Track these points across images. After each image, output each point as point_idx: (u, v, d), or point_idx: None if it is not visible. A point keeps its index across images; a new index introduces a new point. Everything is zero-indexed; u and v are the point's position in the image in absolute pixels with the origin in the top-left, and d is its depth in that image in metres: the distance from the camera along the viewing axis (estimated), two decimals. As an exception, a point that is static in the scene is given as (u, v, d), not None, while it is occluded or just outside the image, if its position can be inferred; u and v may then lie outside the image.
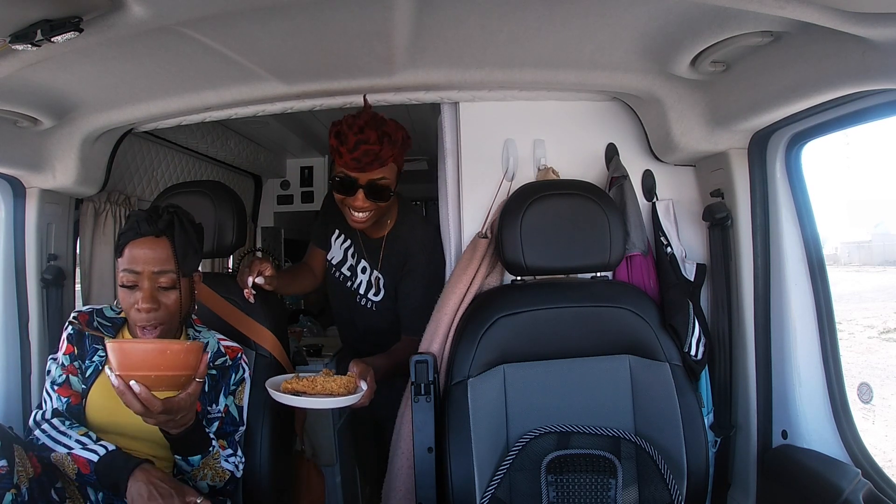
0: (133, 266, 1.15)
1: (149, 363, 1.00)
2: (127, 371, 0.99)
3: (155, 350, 1.02)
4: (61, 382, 1.20)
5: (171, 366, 1.01)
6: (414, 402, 1.32)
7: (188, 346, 1.05)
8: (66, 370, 1.21)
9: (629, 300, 1.35)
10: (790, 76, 1.07)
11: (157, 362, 1.00)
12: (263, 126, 2.47)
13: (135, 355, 1.01)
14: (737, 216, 1.39)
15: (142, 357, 1.01)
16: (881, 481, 1.15)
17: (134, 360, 1.00)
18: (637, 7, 1.03)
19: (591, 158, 1.61)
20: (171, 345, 1.05)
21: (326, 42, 1.17)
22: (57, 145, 1.48)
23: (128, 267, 1.15)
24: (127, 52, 1.11)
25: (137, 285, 1.15)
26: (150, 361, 1.00)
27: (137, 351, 1.02)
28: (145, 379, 1.00)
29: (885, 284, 10.44)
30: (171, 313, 1.18)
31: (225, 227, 1.52)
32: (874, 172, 12.65)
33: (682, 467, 1.24)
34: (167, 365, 1.01)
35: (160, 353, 1.02)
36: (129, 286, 1.16)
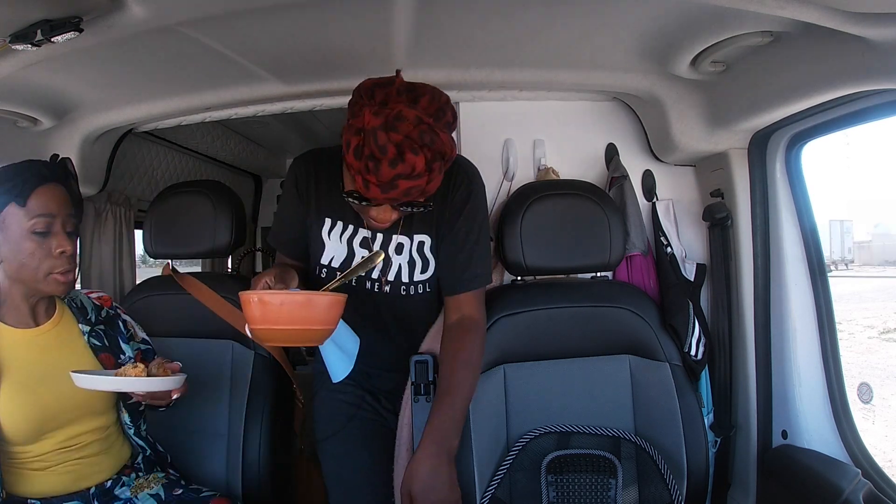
0: (48, 209, 1.08)
1: (293, 316, 0.95)
2: (266, 325, 0.95)
3: (300, 302, 0.96)
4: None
5: (316, 319, 0.96)
6: (414, 402, 1.32)
7: (334, 297, 0.98)
8: None
9: (629, 300, 1.35)
10: (790, 76, 1.07)
11: (302, 315, 0.95)
12: (263, 126, 2.47)
13: (278, 307, 0.94)
14: (737, 216, 1.39)
15: (287, 309, 0.94)
16: (881, 481, 1.15)
17: (278, 313, 0.94)
18: (637, 7, 1.03)
19: (591, 158, 1.61)
20: (317, 296, 0.99)
21: (326, 42, 1.18)
22: (57, 145, 1.48)
23: (42, 212, 1.07)
24: (127, 52, 1.11)
25: (50, 231, 1.09)
26: (295, 314, 0.95)
27: (285, 303, 0.95)
28: (286, 334, 0.96)
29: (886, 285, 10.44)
30: (76, 258, 1.15)
31: (224, 227, 1.52)
32: (874, 172, 12.68)
33: (682, 467, 1.24)
34: (312, 318, 0.96)
35: (305, 304, 0.96)
36: (43, 232, 1.08)
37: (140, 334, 1.33)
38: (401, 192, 0.93)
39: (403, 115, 0.90)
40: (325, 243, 1.20)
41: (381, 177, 0.91)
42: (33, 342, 1.13)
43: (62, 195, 1.11)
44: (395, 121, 0.90)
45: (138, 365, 1.07)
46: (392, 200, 0.97)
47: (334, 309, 0.98)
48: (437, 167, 0.94)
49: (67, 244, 1.10)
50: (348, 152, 0.93)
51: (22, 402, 1.06)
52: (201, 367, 1.45)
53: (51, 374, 1.11)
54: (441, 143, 0.93)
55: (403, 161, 0.90)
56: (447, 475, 1.07)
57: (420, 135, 0.91)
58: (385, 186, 0.92)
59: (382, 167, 0.90)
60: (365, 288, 1.21)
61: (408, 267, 1.19)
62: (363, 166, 0.92)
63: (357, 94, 0.98)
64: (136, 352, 1.27)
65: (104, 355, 1.20)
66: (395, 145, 0.89)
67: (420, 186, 0.93)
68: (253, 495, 1.40)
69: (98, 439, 1.17)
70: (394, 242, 1.18)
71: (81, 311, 1.22)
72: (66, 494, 1.12)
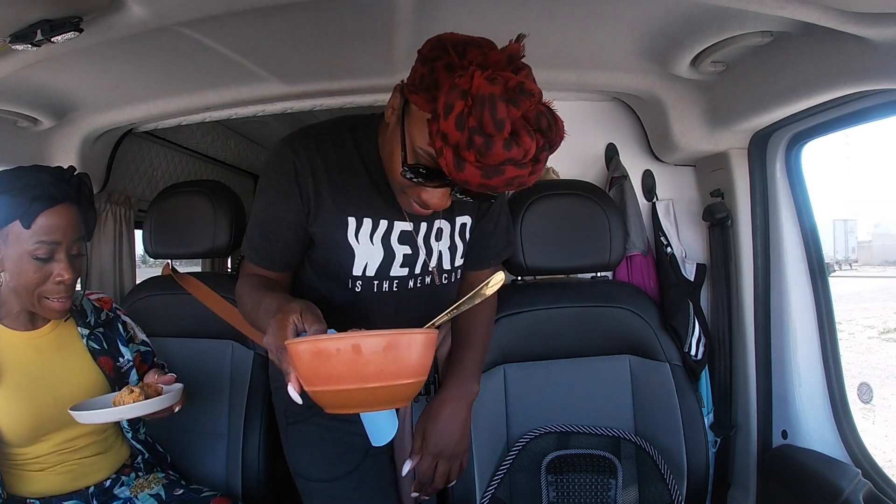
0: (52, 236, 1.04)
1: (374, 369, 0.65)
2: (331, 385, 0.66)
3: (382, 346, 0.65)
4: None
5: (406, 369, 0.67)
6: (414, 402, 1.32)
7: (427, 335, 0.70)
8: None
9: (629, 300, 1.35)
10: (790, 76, 1.07)
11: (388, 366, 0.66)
12: (263, 126, 2.47)
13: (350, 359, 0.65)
14: (737, 216, 1.39)
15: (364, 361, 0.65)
16: (881, 481, 1.15)
17: (350, 367, 0.65)
18: (637, 7, 1.03)
19: (591, 158, 1.61)
20: (404, 335, 0.68)
21: (326, 42, 1.17)
22: (57, 145, 1.49)
23: (45, 238, 1.03)
24: (127, 52, 1.11)
25: (52, 258, 1.05)
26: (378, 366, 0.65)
27: (359, 350, 0.64)
28: (362, 395, 0.66)
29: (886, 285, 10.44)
30: (75, 283, 1.11)
31: (224, 227, 1.52)
32: (874, 173, 12.69)
33: (682, 467, 1.24)
34: (401, 369, 0.67)
35: (391, 349, 0.66)
36: (44, 259, 1.04)
37: (140, 336, 1.32)
38: (504, 181, 0.73)
39: (526, 88, 0.72)
40: (353, 249, 0.98)
41: (490, 157, 0.70)
42: (31, 345, 1.12)
43: (71, 219, 1.06)
44: (517, 93, 0.71)
45: (134, 390, 1.04)
46: (489, 189, 0.75)
47: (429, 352, 0.72)
48: (543, 159, 0.76)
49: (67, 273, 1.05)
50: (447, 118, 0.71)
51: (19, 405, 1.06)
52: (201, 368, 1.45)
53: (49, 378, 1.10)
54: (557, 131, 0.76)
55: (518, 143, 0.71)
56: (462, 421, 1.08)
57: (538, 116, 0.73)
58: (490, 171, 0.72)
59: (496, 146, 0.70)
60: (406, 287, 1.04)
61: (449, 253, 1.05)
62: (465, 140, 0.70)
63: (439, 49, 0.79)
64: (136, 354, 1.27)
65: (103, 359, 1.19)
66: (512, 123, 0.71)
67: (523, 178, 0.74)
68: (253, 495, 1.40)
69: (96, 441, 1.17)
70: (434, 229, 1.03)
71: (81, 314, 1.21)
72: (65, 494, 1.12)
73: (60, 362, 1.14)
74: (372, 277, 1.01)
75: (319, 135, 0.99)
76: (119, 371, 1.21)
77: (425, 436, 1.07)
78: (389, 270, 1.01)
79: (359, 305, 1.04)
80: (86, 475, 1.15)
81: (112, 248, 1.82)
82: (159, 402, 1.04)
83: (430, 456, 1.07)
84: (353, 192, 0.98)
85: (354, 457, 1.10)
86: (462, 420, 1.09)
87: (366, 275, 1.00)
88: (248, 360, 1.46)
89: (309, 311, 0.80)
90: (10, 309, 1.11)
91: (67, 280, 1.06)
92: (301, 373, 0.70)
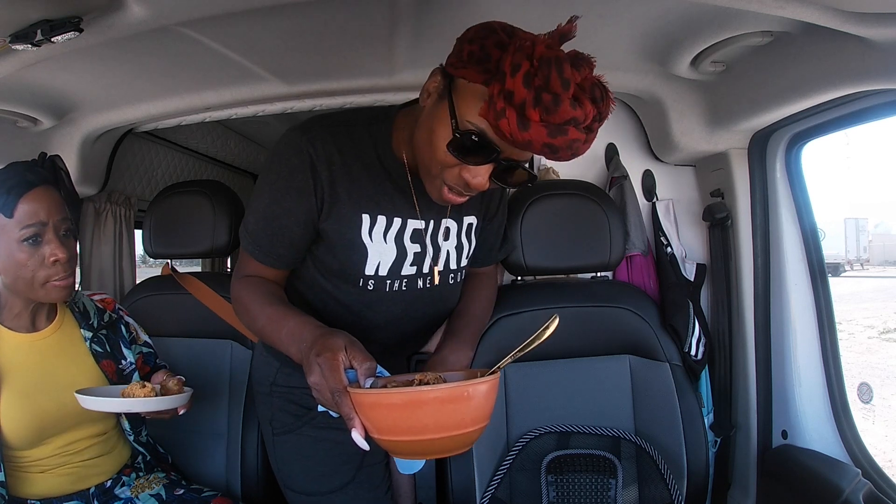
0: (35, 218, 1.03)
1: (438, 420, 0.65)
2: (397, 436, 0.67)
3: (446, 398, 0.65)
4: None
5: (470, 418, 0.67)
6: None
7: (491, 383, 0.69)
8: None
9: (629, 300, 1.35)
10: (790, 76, 1.07)
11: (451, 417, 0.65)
12: (263, 126, 2.48)
13: (414, 411, 0.64)
14: (737, 216, 1.39)
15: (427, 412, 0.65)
16: (881, 481, 1.15)
17: (415, 418, 0.65)
18: (637, 7, 1.03)
19: (591, 158, 1.61)
20: (469, 387, 0.67)
21: (326, 42, 1.17)
22: (57, 145, 1.49)
23: (29, 222, 1.03)
24: (127, 52, 1.11)
25: (42, 239, 1.05)
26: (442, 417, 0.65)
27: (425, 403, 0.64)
28: (427, 445, 0.66)
29: (886, 285, 10.43)
30: (74, 263, 1.10)
31: (223, 227, 1.52)
32: (875, 173, 12.69)
33: (682, 467, 1.24)
34: (465, 418, 0.66)
35: (456, 400, 0.65)
36: (33, 242, 1.04)
37: (143, 337, 1.32)
38: (567, 143, 0.73)
39: (583, 57, 0.75)
40: (366, 247, 0.96)
41: (557, 115, 0.71)
42: (33, 347, 1.12)
43: (52, 199, 1.07)
44: (579, 59, 0.74)
45: (146, 385, 1.05)
46: (552, 150, 0.74)
47: (492, 395, 0.71)
48: (595, 129, 0.76)
49: (61, 251, 1.05)
50: (514, 76, 0.71)
51: (21, 408, 1.05)
52: (201, 367, 1.45)
53: (51, 381, 1.10)
54: (607, 102, 0.77)
55: (581, 105, 0.72)
56: None
57: (592, 86, 0.75)
58: (555, 129, 0.72)
59: (563, 104, 0.71)
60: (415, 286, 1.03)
61: (455, 252, 1.05)
62: (532, 97, 0.70)
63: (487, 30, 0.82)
64: (138, 356, 1.27)
65: (105, 362, 1.19)
66: (575, 86, 0.72)
67: (579, 143, 0.74)
68: (252, 495, 1.40)
69: (98, 443, 1.16)
70: (442, 228, 1.03)
71: (84, 316, 1.20)
72: (66, 495, 1.12)
73: (62, 365, 1.13)
74: (385, 277, 0.99)
75: (335, 125, 0.96)
76: (121, 374, 1.21)
77: None
78: (401, 269, 0.99)
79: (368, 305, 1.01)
80: (87, 477, 1.15)
81: (112, 248, 1.82)
82: (170, 401, 1.04)
83: None
84: (369, 187, 0.95)
85: (349, 468, 1.07)
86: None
87: (378, 274, 0.98)
88: (247, 359, 1.46)
89: (354, 345, 0.78)
90: (12, 309, 1.11)
91: (62, 258, 1.06)
92: (370, 422, 0.70)
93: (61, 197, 1.09)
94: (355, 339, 0.80)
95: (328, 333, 0.81)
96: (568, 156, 0.76)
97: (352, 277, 0.99)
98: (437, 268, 1.02)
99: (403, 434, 0.67)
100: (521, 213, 1.34)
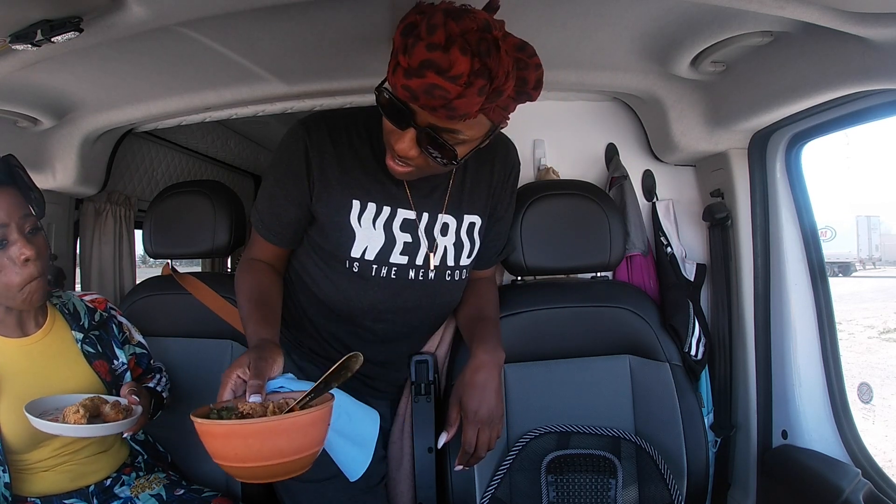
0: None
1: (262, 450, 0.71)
2: (231, 462, 0.74)
3: (263, 431, 0.71)
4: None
5: (294, 447, 0.73)
6: (414, 402, 1.32)
7: (311, 416, 0.74)
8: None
9: (629, 300, 1.35)
10: (790, 76, 1.07)
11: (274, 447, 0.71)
12: (263, 126, 2.48)
13: (239, 442, 0.71)
14: (737, 216, 1.39)
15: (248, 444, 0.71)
16: (881, 481, 1.15)
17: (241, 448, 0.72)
18: (637, 7, 1.03)
19: (591, 158, 1.61)
20: (285, 421, 0.73)
21: (326, 42, 1.17)
22: (57, 145, 1.49)
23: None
24: (127, 52, 1.11)
25: (7, 239, 1.03)
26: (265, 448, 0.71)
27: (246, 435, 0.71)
28: (260, 471, 0.73)
29: (886, 285, 10.43)
30: (45, 260, 1.09)
31: (223, 227, 1.52)
32: (875, 173, 12.66)
33: (682, 467, 1.24)
34: (287, 448, 0.72)
35: (273, 434, 0.71)
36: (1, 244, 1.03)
37: (136, 337, 1.31)
38: (423, 87, 0.75)
39: (473, 13, 0.77)
40: (354, 231, 1.02)
41: (412, 58, 0.75)
42: (24, 352, 1.11)
43: (10, 199, 1.05)
44: (461, 12, 0.76)
45: (80, 410, 1.00)
46: (410, 96, 0.78)
47: (316, 428, 0.75)
48: (477, 85, 0.76)
49: (28, 248, 1.04)
50: (398, 29, 0.79)
51: (16, 413, 1.05)
52: (200, 367, 1.45)
53: (43, 385, 1.10)
54: (497, 64, 0.76)
55: (446, 52, 0.74)
56: (496, 386, 1.08)
57: (479, 41, 0.75)
58: (410, 72, 0.76)
59: (418, 47, 0.74)
60: (405, 276, 1.06)
61: (454, 249, 1.09)
62: (402, 44, 0.77)
63: None
64: (131, 356, 1.27)
65: (98, 363, 1.18)
66: (446, 34, 0.74)
67: (446, 92, 0.75)
68: (252, 494, 1.40)
69: (95, 442, 1.16)
70: (439, 223, 1.07)
71: (74, 317, 1.20)
72: (66, 493, 1.12)
73: (55, 369, 1.13)
74: (371, 261, 1.04)
75: (334, 119, 1.05)
76: (114, 374, 1.21)
77: (465, 405, 1.06)
78: (389, 256, 1.04)
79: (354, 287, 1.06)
80: (86, 475, 1.15)
81: (112, 248, 1.82)
82: (97, 430, 1.00)
83: (472, 425, 1.05)
84: (361, 175, 1.02)
85: None
86: (496, 385, 1.08)
87: (365, 258, 1.03)
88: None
89: (258, 361, 0.84)
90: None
91: (31, 255, 1.05)
92: (207, 448, 0.76)
93: (20, 193, 1.08)
94: (267, 356, 0.86)
95: (250, 349, 0.89)
96: (432, 104, 0.77)
97: (339, 258, 1.05)
98: (432, 261, 1.06)
99: (224, 459, 0.74)
100: (521, 213, 1.34)
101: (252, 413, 0.78)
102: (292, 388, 0.86)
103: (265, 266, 1.10)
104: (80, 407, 1.01)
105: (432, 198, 1.06)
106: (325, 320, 1.14)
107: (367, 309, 1.08)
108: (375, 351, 1.14)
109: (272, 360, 0.86)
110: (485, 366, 1.07)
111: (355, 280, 1.05)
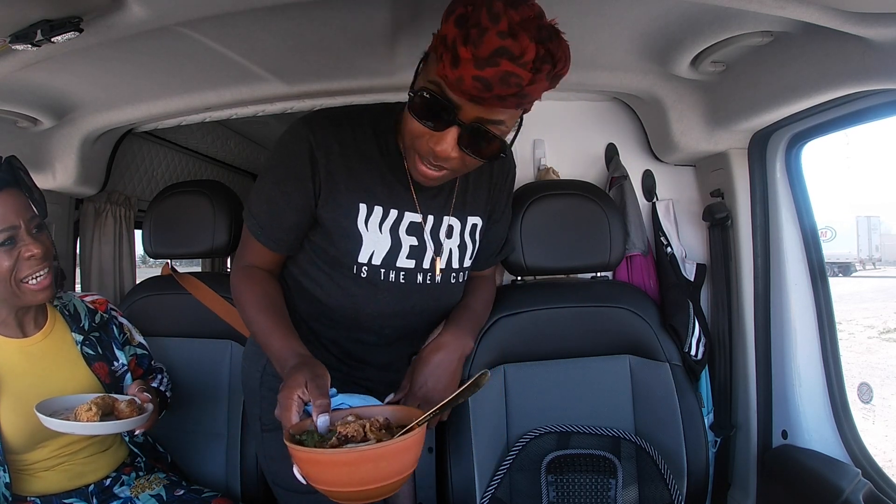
0: (7, 222, 1.05)
1: (360, 476, 0.73)
2: (328, 486, 0.75)
3: (368, 458, 0.73)
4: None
5: (390, 472, 0.75)
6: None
7: (407, 442, 0.75)
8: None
9: (629, 300, 1.35)
10: (790, 76, 1.07)
11: (371, 474, 0.73)
12: (263, 126, 2.48)
13: (339, 468, 0.73)
14: (737, 216, 1.39)
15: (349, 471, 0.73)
16: (881, 481, 1.15)
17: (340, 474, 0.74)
18: (637, 7, 1.03)
19: (591, 158, 1.61)
20: (386, 448, 0.73)
21: (326, 42, 1.17)
22: (57, 145, 1.49)
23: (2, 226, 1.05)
24: (127, 52, 1.11)
25: (15, 238, 1.06)
26: (363, 474, 0.73)
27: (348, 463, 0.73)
28: (356, 495, 0.75)
29: (886, 285, 10.43)
30: (50, 255, 1.12)
31: (223, 227, 1.52)
32: (875, 173, 12.66)
33: (682, 467, 1.24)
34: (383, 474, 0.74)
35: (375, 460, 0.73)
36: (8, 244, 1.05)
37: (137, 338, 1.31)
38: (498, 75, 0.73)
39: (529, 1, 0.76)
40: (361, 236, 0.98)
41: (482, 47, 0.72)
42: (23, 352, 1.11)
43: (17, 201, 1.07)
44: (518, 1, 0.75)
45: (92, 407, 1.02)
46: (483, 87, 0.74)
47: (415, 450, 0.77)
48: (545, 71, 0.75)
49: (35, 246, 1.06)
50: (447, 21, 0.75)
51: (15, 414, 1.05)
52: (200, 367, 1.45)
53: (42, 386, 1.10)
54: (559, 49, 0.76)
55: (515, 38, 0.72)
56: (452, 372, 1.07)
57: (539, 27, 0.75)
58: (482, 62, 0.73)
59: (489, 35, 0.72)
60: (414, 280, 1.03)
61: (458, 251, 1.07)
62: (462, 34, 0.73)
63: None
64: (132, 357, 1.27)
65: (97, 364, 1.18)
66: (509, 21, 0.73)
67: (520, 79, 0.74)
68: (252, 495, 1.40)
69: (94, 442, 1.17)
70: (444, 225, 1.04)
71: (74, 319, 1.20)
72: (66, 492, 1.12)
73: (54, 370, 1.13)
74: (378, 266, 1.00)
75: (338, 117, 0.99)
76: (114, 376, 1.21)
77: (413, 378, 1.06)
78: (396, 261, 1.01)
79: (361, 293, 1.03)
80: (85, 474, 1.15)
81: (112, 248, 1.82)
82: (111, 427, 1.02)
83: (414, 398, 1.04)
84: (367, 178, 0.98)
85: None
86: (452, 371, 1.07)
87: (372, 262, 1.00)
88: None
89: (314, 381, 0.82)
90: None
91: (37, 253, 1.07)
92: (302, 471, 0.77)
93: (25, 195, 1.10)
94: (321, 373, 0.84)
95: (298, 367, 0.85)
96: (506, 92, 0.75)
97: (346, 264, 1.00)
98: (439, 264, 1.03)
99: (329, 485, 0.74)
100: (521, 213, 1.34)
101: (356, 435, 0.77)
102: (352, 404, 0.85)
103: (265, 273, 1.05)
104: (93, 405, 1.02)
105: (438, 200, 1.03)
106: (326, 326, 1.10)
107: (374, 314, 1.05)
108: (376, 354, 1.13)
109: (326, 375, 0.84)
110: (445, 346, 1.06)
111: (364, 285, 1.01)
